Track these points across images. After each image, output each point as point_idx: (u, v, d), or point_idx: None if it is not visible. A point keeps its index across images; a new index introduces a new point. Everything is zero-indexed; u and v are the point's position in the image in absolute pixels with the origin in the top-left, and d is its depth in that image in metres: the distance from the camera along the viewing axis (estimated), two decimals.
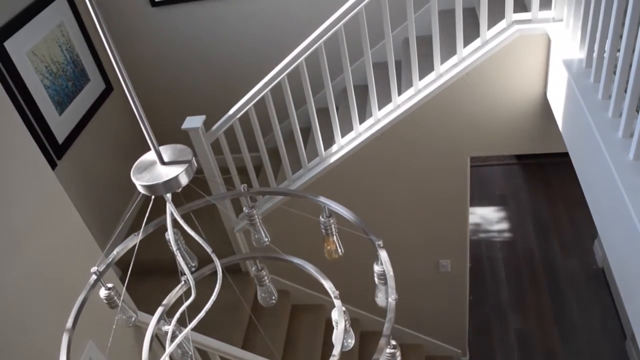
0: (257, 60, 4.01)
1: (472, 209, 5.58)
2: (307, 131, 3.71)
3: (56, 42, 3.58)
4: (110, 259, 1.20)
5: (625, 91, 1.75)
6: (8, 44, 3.16)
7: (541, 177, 6.03)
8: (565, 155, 2.37)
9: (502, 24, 2.55)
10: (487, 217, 5.70)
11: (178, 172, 0.86)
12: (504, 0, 2.50)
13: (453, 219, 3.41)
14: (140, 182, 0.85)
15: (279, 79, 2.82)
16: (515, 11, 2.53)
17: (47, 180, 2.20)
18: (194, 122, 2.98)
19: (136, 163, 0.88)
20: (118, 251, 1.21)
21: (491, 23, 2.63)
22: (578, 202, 4.90)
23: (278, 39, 3.88)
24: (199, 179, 1.01)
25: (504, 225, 5.60)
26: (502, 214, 5.72)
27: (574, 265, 5.11)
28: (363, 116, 3.32)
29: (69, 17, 3.71)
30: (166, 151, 0.90)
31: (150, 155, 0.90)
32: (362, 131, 2.99)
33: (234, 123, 3.02)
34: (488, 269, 5.24)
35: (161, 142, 0.90)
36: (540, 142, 2.90)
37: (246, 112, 2.97)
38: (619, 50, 1.78)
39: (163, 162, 0.88)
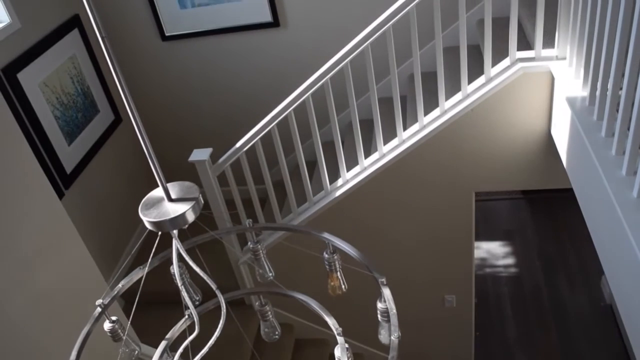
0: (264, 94, 4.07)
1: (477, 244, 5.56)
2: (312, 164, 3.74)
3: (68, 74, 3.65)
4: (115, 292, 1.21)
5: (628, 129, 1.77)
6: (21, 76, 3.23)
7: (547, 211, 6.02)
8: (572, 189, 2.37)
9: (506, 62, 2.58)
10: (493, 252, 5.67)
11: (185, 210, 0.88)
12: (507, 38, 2.54)
13: (458, 254, 3.40)
14: (147, 218, 0.87)
15: (285, 113, 2.85)
16: (519, 49, 2.57)
17: (55, 209, 2.22)
18: (201, 154, 3.02)
19: (144, 199, 0.90)
20: (123, 284, 1.22)
21: (495, 60, 2.67)
22: (585, 237, 4.87)
23: (285, 73, 3.94)
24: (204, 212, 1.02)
25: (510, 260, 5.56)
26: (508, 249, 5.69)
27: (582, 301, 5.05)
28: (368, 151, 3.34)
29: (81, 49, 3.79)
30: (174, 188, 0.92)
31: (158, 192, 0.91)
32: (367, 165, 3.01)
33: (241, 156, 3.05)
34: (494, 305, 5.19)
35: (168, 173, 0.92)
36: (545, 178, 2.91)
37: (252, 145, 3.00)
38: (621, 89, 1.80)
39: (170, 199, 0.90)
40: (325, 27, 3.72)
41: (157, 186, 0.92)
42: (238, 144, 3.01)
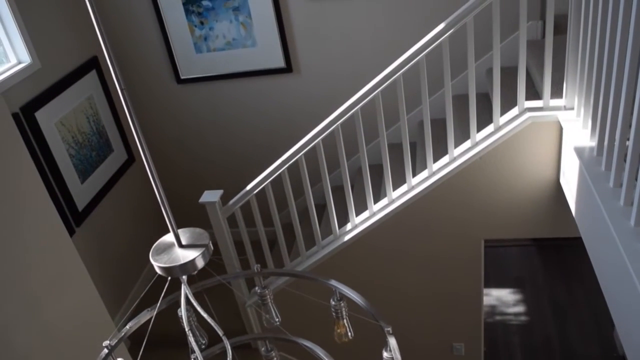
0: (276, 137, 4.13)
1: (487, 290, 5.50)
2: (321, 208, 3.75)
3: (84, 113, 3.73)
4: (123, 334, 1.21)
5: (636, 179, 1.77)
6: (39, 114, 3.31)
7: (558, 258, 5.96)
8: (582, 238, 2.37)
9: (514, 111, 2.62)
10: (503, 299, 5.60)
11: (195, 256, 0.90)
12: (516, 87, 2.57)
13: (467, 301, 3.37)
14: (158, 263, 0.89)
15: (296, 157, 2.89)
16: (527, 98, 2.60)
17: (65, 247, 2.24)
18: (211, 196, 3.05)
19: (155, 244, 0.92)
20: (131, 326, 1.23)
21: (504, 109, 2.70)
22: (596, 286, 4.81)
23: (296, 117, 4.00)
24: (213, 257, 1.04)
25: (521, 308, 5.49)
26: (518, 297, 5.62)
27: (594, 352, 4.95)
28: (378, 196, 3.36)
29: (98, 90, 3.89)
30: (185, 234, 0.94)
31: (169, 237, 0.93)
32: (376, 211, 3.02)
33: (251, 199, 3.07)
34: (504, 354, 5.09)
35: (178, 211, 0.94)
36: (554, 226, 2.90)
37: (262, 188, 3.03)
38: (628, 139, 1.81)
39: (181, 245, 0.92)
40: (336, 73, 3.79)
41: (167, 228, 0.95)
42: (248, 187, 3.04)
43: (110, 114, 4.02)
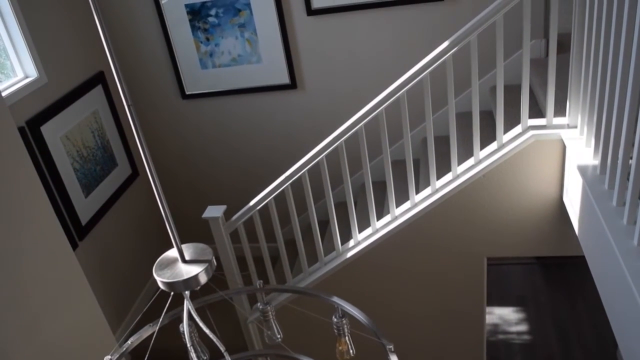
0: (280, 152, 4.14)
1: (490, 309, 5.46)
2: (324, 224, 3.75)
3: (89, 128, 3.75)
4: (124, 349, 1.21)
5: (639, 198, 1.77)
6: (44, 129, 3.33)
7: (561, 277, 5.93)
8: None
9: (517, 129, 2.62)
10: (506, 318, 5.56)
11: (198, 272, 0.90)
12: (520, 105, 2.58)
13: (469, 319, 3.35)
14: (161, 278, 0.89)
15: (299, 174, 2.90)
16: (531, 116, 2.61)
17: (68, 261, 2.25)
18: (214, 211, 3.05)
19: (159, 259, 0.92)
20: (132, 341, 1.23)
21: (508, 127, 2.71)
22: (599, 304, 4.79)
23: (300, 133, 4.02)
24: (216, 273, 1.04)
25: (524, 327, 5.45)
26: (521, 315, 5.58)
27: None
28: (381, 213, 3.36)
29: (103, 105, 3.91)
30: (188, 249, 0.94)
31: (173, 252, 0.94)
32: (379, 227, 3.02)
33: (254, 214, 3.08)
34: None
35: (182, 225, 0.95)
36: (557, 245, 2.89)
37: (266, 204, 3.03)
38: (631, 158, 1.81)
39: (184, 260, 0.92)
40: (340, 90, 3.82)
41: (170, 243, 0.95)
42: (251, 203, 3.05)
43: (115, 129, 4.04)
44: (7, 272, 1.90)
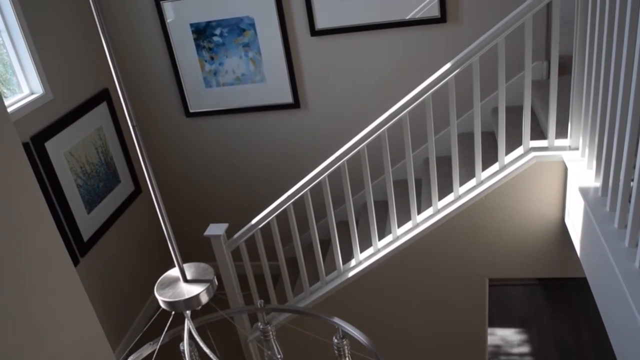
0: (282, 170, 4.15)
1: (491, 330, 5.42)
2: (326, 243, 3.75)
3: (93, 144, 3.77)
4: None
5: None
6: (49, 145, 3.35)
7: (563, 299, 5.89)
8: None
9: (519, 150, 2.63)
10: (508, 339, 5.52)
11: (199, 291, 0.90)
12: (522, 126, 2.59)
13: (471, 340, 3.33)
14: (163, 297, 0.89)
15: (301, 193, 2.90)
16: (533, 137, 2.62)
17: (69, 277, 2.24)
18: (216, 229, 3.05)
19: (160, 278, 0.93)
20: (133, 359, 1.23)
21: (510, 148, 2.72)
22: (601, 326, 4.74)
23: (303, 151, 4.03)
24: (218, 293, 1.04)
25: (526, 349, 5.40)
26: (523, 337, 5.54)
27: None
28: (382, 232, 3.36)
29: (108, 121, 3.94)
30: (190, 269, 0.95)
31: (174, 272, 0.94)
32: (380, 247, 3.01)
33: (255, 233, 3.08)
34: None
35: (183, 244, 0.95)
36: (559, 267, 2.88)
37: (268, 222, 3.04)
38: (632, 180, 1.82)
39: (186, 280, 0.92)
40: (343, 110, 3.84)
41: (172, 261, 0.95)
42: (253, 221, 3.05)
43: (119, 145, 4.07)
44: (8, 288, 1.89)
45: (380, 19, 3.48)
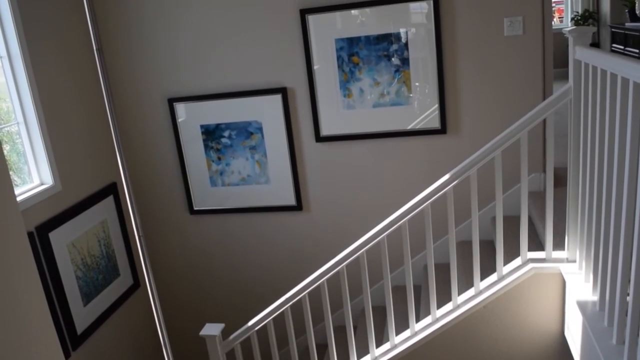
0: (282, 271, 4.14)
1: None
2: (323, 347, 3.67)
3: (96, 236, 3.80)
4: None
5: (639, 336, 1.75)
6: (52, 235, 3.38)
7: None
8: None
9: (517, 261, 2.64)
10: None
11: None
12: (520, 236, 2.62)
13: None
14: None
15: (299, 296, 2.89)
16: (531, 248, 2.64)
17: None
18: (212, 329, 3.01)
19: None
20: None
21: (508, 257, 2.73)
22: None
23: (304, 253, 4.04)
24: None
25: None
26: None
27: None
28: (380, 339, 3.30)
29: (112, 215, 3.99)
30: None
31: None
32: (378, 355, 2.95)
33: (251, 335, 3.03)
34: None
35: (178, 342, 0.95)
36: None
37: (264, 325, 3.00)
38: (628, 294, 1.81)
39: None
40: (345, 213, 3.89)
41: (164, 357, 0.95)
42: (250, 323, 3.02)
43: (122, 239, 4.09)
44: None
45: (383, 128, 3.62)
